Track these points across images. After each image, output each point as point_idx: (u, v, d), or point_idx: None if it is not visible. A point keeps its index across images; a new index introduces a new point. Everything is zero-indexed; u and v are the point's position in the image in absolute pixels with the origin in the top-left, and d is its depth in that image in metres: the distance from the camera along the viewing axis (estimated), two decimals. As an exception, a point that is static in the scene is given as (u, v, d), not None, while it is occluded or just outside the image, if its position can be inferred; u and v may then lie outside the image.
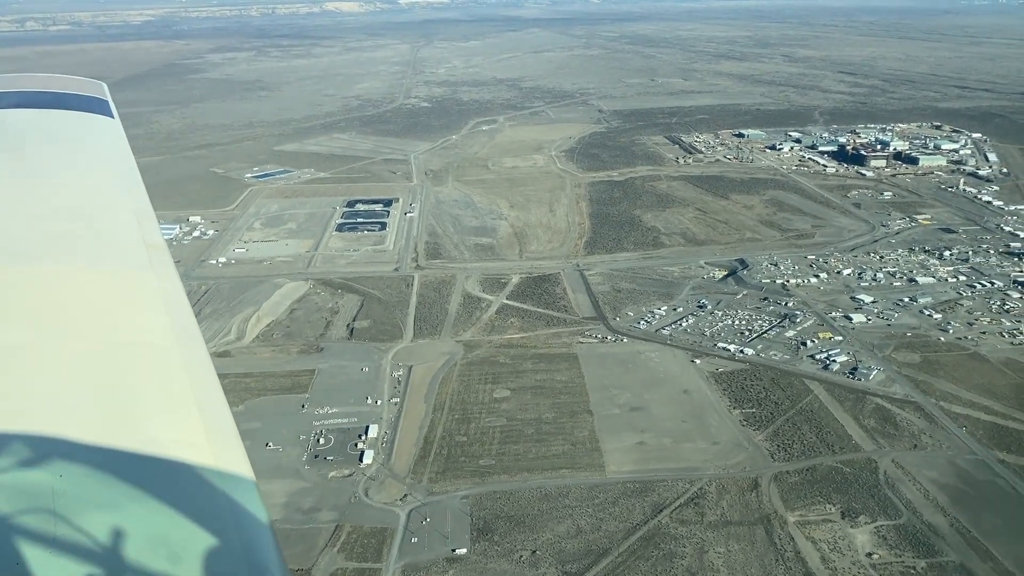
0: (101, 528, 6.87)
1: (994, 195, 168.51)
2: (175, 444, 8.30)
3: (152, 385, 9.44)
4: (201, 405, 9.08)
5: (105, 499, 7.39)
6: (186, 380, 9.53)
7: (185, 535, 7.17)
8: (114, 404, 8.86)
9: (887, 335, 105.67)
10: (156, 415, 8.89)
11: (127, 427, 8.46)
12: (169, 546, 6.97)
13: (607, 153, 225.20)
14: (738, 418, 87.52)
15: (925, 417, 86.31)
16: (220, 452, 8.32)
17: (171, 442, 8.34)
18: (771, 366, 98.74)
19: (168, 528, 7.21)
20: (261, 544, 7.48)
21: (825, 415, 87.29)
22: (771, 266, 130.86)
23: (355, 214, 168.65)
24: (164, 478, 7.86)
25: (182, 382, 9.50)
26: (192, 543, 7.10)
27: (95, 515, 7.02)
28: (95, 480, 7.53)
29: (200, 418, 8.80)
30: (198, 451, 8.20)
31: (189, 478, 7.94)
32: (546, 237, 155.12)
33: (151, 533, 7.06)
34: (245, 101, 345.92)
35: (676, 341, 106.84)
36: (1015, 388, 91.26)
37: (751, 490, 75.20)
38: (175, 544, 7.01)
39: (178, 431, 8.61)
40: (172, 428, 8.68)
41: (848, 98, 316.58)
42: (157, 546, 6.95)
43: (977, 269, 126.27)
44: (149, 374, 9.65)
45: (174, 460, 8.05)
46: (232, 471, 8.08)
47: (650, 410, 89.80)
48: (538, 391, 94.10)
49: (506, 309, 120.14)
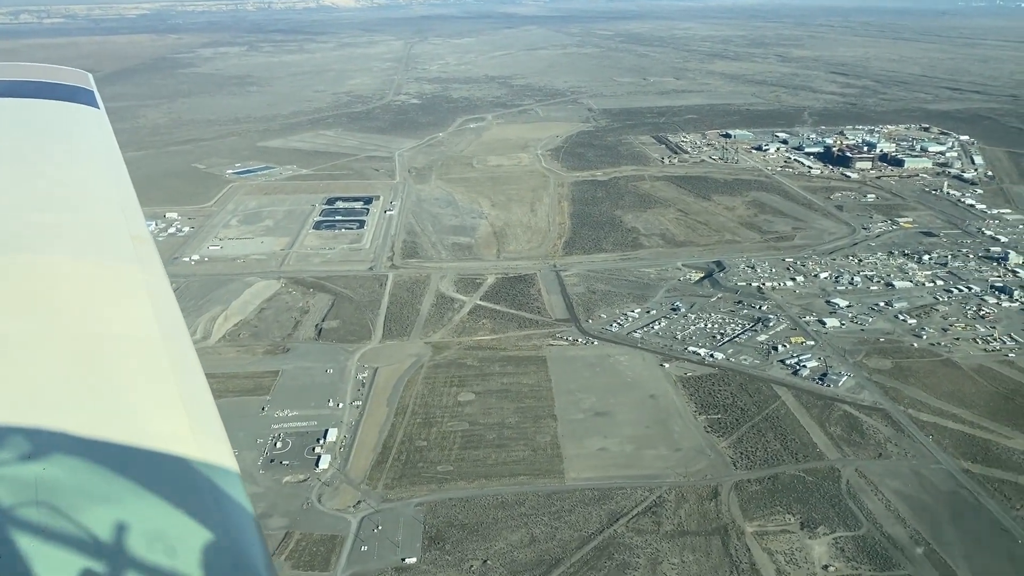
0: (85, 519, 6.86)
1: (978, 198, 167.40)
2: (160, 437, 8.25)
3: (137, 378, 9.35)
4: (186, 398, 9.02)
5: (89, 490, 7.35)
6: (171, 373, 9.44)
7: (171, 527, 7.14)
8: (98, 397, 8.80)
9: (860, 340, 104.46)
10: (141, 408, 8.83)
11: (111, 419, 8.41)
12: (156, 538, 6.93)
13: (593, 152, 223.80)
14: (703, 424, 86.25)
15: (892, 425, 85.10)
16: (205, 445, 8.28)
17: (155, 435, 8.28)
18: (740, 371, 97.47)
19: (155, 520, 7.17)
20: (247, 536, 7.47)
21: (791, 422, 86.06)
22: (748, 268, 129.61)
23: (334, 212, 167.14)
24: (149, 470, 7.80)
25: (167, 375, 9.40)
26: (178, 535, 7.07)
27: (79, 506, 7.00)
28: (79, 472, 7.49)
29: (185, 411, 8.74)
30: (183, 444, 8.16)
31: (174, 471, 7.88)
32: (525, 237, 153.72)
33: (138, 525, 7.00)
34: (234, 96, 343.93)
35: (647, 344, 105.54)
36: (985, 396, 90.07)
37: (711, 499, 73.94)
38: (162, 536, 6.98)
39: (163, 424, 8.55)
40: (157, 421, 8.62)
41: (839, 99, 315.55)
42: (144, 538, 6.89)
43: (955, 273, 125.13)
44: (134, 367, 9.55)
45: (159, 452, 8.01)
46: (217, 464, 8.04)
47: (615, 415, 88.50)
48: (504, 395, 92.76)
49: (479, 310, 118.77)
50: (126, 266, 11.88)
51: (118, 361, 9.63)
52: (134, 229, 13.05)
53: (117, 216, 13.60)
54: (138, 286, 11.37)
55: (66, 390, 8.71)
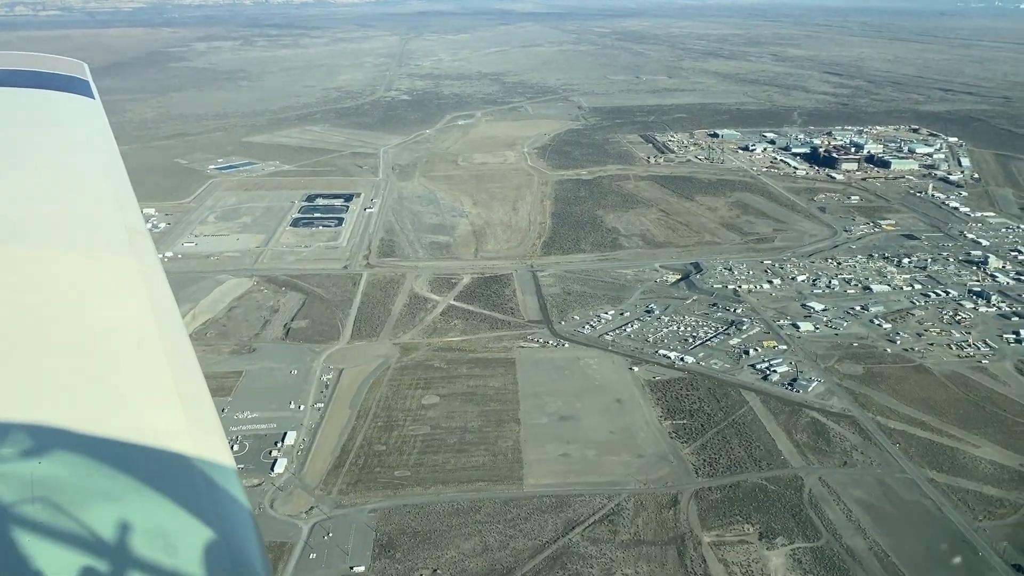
0: (82, 514, 6.81)
1: (962, 201, 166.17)
2: (156, 431, 8.19)
3: (133, 371, 9.28)
4: (182, 392, 8.95)
5: (85, 485, 7.31)
6: (167, 367, 9.36)
7: (169, 522, 7.09)
8: (94, 390, 8.75)
9: (833, 345, 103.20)
10: (137, 402, 8.77)
11: (107, 413, 8.36)
12: (154, 533, 6.89)
13: (579, 151, 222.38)
14: (668, 430, 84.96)
15: (860, 432, 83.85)
16: (201, 439, 8.25)
17: (152, 429, 8.22)
18: (710, 375, 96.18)
19: (152, 515, 7.11)
20: (243, 530, 7.46)
21: (757, 428, 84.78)
22: (725, 271, 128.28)
23: (313, 209, 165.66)
24: (146, 465, 7.73)
25: (163, 368, 9.33)
26: (176, 530, 7.03)
27: (76, 501, 6.96)
28: (76, 467, 7.46)
29: (181, 406, 8.68)
30: (179, 438, 8.11)
31: (171, 466, 7.84)
32: (505, 236, 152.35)
33: (136, 520, 6.93)
34: (224, 91, 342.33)
35: (618, 347, 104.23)
36: (956, 403, 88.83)
37: (670, 507, 72.66)
38: (160, 531, 6.93)
39: (159, 418, 8.49)
40: (153, 415, 8.55)
41: (831, 99, 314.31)
42: (142, 533, 6.84)
43: (934, 277, 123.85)
44: (130, 360, 9.48)
45: (155, 448, 7.95)
46: (213, 458, 8.01)
47: (579, 420, 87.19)
48: (468, 398, 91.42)
49: (452, 311, 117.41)
50: (122, 258, 11.76)
51: (114, 354, 9.52)
52: (130, 221, 12.88)
53: (113, 208, 13.45)
54: (134, 278, 11.26)
55: (62, 383, 8.64)
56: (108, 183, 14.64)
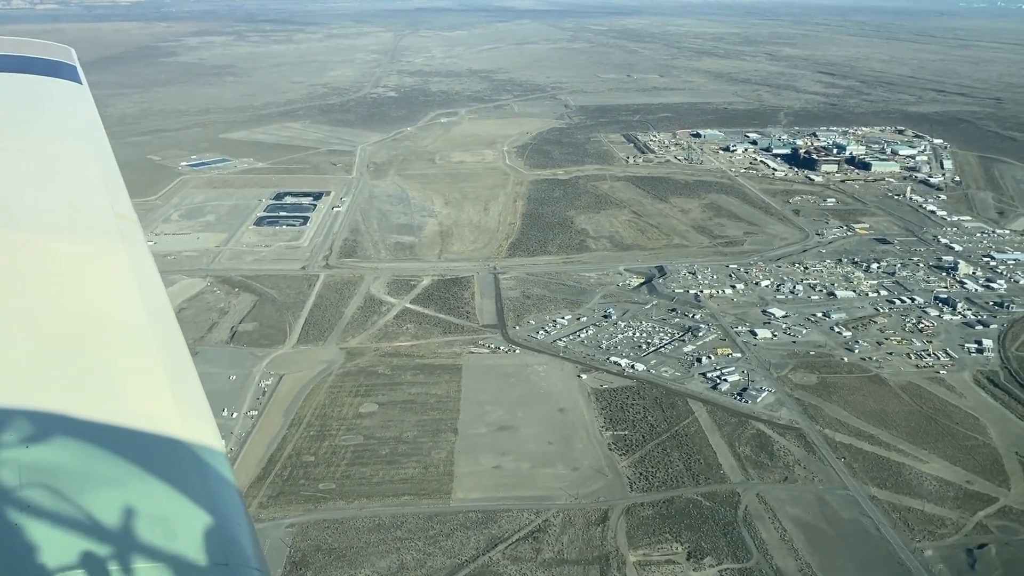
0: (74, 498, 6.81)
1: (940, 204, 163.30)
2: (146, 415, 8.13)
3: (122, 358, 9.24)
4: (172, 378, 8.94)
5: (76, 470, 7.25)
6: (156, 352, 9.32)
7: (161, 505, 7.05)
8: (83, 376, 8.67)
9: (789, 353, 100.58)
10: (127, 387, 8.73)
11: (97, 399, 8.29)
12: (147, 517, 6.83)
13: (559, 150, 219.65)
14: (608, 441, 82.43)
15: (805, 446, 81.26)
16: (191, 423, 8.22)
17: (142, 413, 8.15)
18: (658, 384, 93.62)
19: (145, 499, 7.04)
20: (233, 512, 7.45)
21: (700, 441, 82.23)
22: (689, 275, 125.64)
23: (280, 207, 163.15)
24: (137, 448, 7.68)
25: (152, 354, 9.29)
26: (168, 513, 7.00)
27: (67, 486, 6.93)
28: (66, 452, 7.43)
29: (171, 391, 8.67)
30: (169, 422, 8.10)
31: (161, 449, 7.80)
32: (472, 237, 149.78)
33: (129, 504, 6.86)
34: (210, 86, 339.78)
35: (569, 354, 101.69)
36: (908, 416, 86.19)
37: (598, 524, 70.14)
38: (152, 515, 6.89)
39: (149, 403, 8.44)
40: (143, 400, 8.49)
41: (821, 99, 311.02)
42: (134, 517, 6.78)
43: (901, 283, 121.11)
44: (119, 346, 9.42)
45: (145, 431, 7.91)
46: (203, 442, 8.01)
47: (519, 430, 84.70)
48: (408, 406, 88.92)
49: (406, 314, 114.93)
50: (110, 244, 11.66)
51: (103, 341, 9.48)
52: (118, 206, 12.77)
53: (100, 193, 13.36)
54: (122, 264, 11.22)
55: (50, 370, 8.58)
56: (96, 169, 14.57)
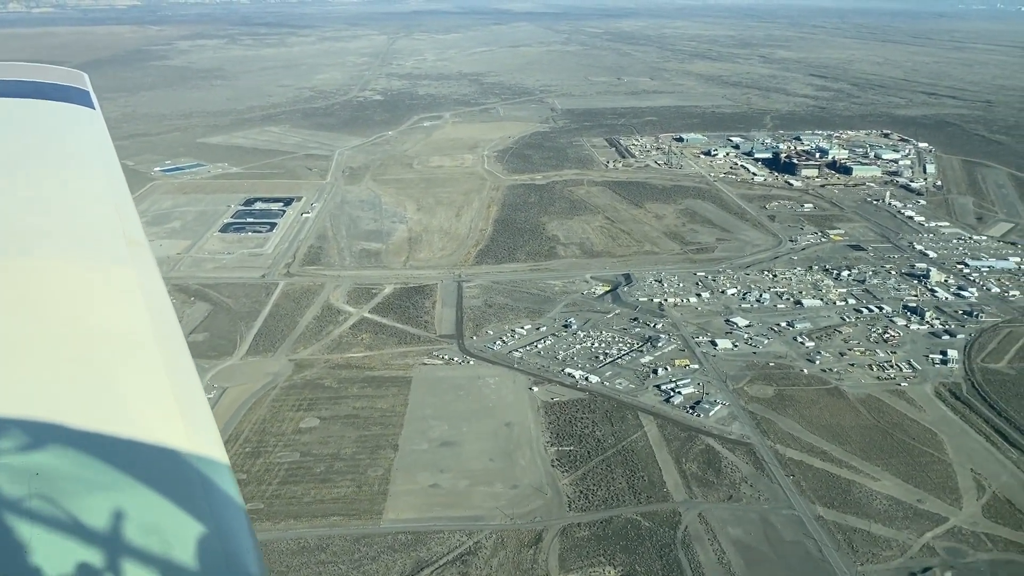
0: (81, 511, 6.97)
1: (919, 210, 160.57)
2: (153, 433, 8.32)
3: (131, 380, 9.37)
4: (179, 397, 9.03)
5: (84, 483, 7.45)
6: (165, 376, 9.42)
7: (165, 519, 7.22)
8: (93, 397, 8.84)
9: (748, 364, 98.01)
10: (134, 405, 8.89)
11: (105, 416, 8.45)
12: (150, 529, 7.02)
13: (540, 154, 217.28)
14: (552, 457, 79.90)
15: (754, 462, 78.67)
16: (197, 441, 8.35)
17: (149, 431, 8.35)
18: (611, 396, 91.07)
19: (149, 512, 7.23)
20: (237, 527, 7.57)
21: (646, 456, 79.67)
22: (655, 282, 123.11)
23: (248, 213, 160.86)
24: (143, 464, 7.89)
25: (161, 378, 9.40)
26: (171, 527, 7.15)
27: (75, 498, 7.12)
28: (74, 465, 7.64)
29: (178, 409, 8.78)
30: (175, 439, 8.28)
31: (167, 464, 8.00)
32: (441, 244, 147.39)
33: (133, 517, 7.05)
34: (196, 90, 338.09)
35: (524, 365, 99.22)
36: (863, 430, 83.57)
37: (531, 546, 67.60)
38: (156, 527, 7.06)
39: (156, 420, 8.60)
40: (150, 418, 8.66)
41: (810, 102, 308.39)
42: (138, 529, 6.96)
43: (871, 292, 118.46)
44: (128, 369, 9.56)
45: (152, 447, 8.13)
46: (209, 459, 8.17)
47: (462, 445, 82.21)
48: (350, 421, 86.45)
49: (363, 324, 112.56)
50: (121, 268, 11.81)
51: (112, 363, 9.63)
52: (129, 231, 12.95)
53: (112, 218, 13.49)
54: (133, 288, 11.32)
55: (60, 390, 8.75)
56: (107, 193, 14.72)
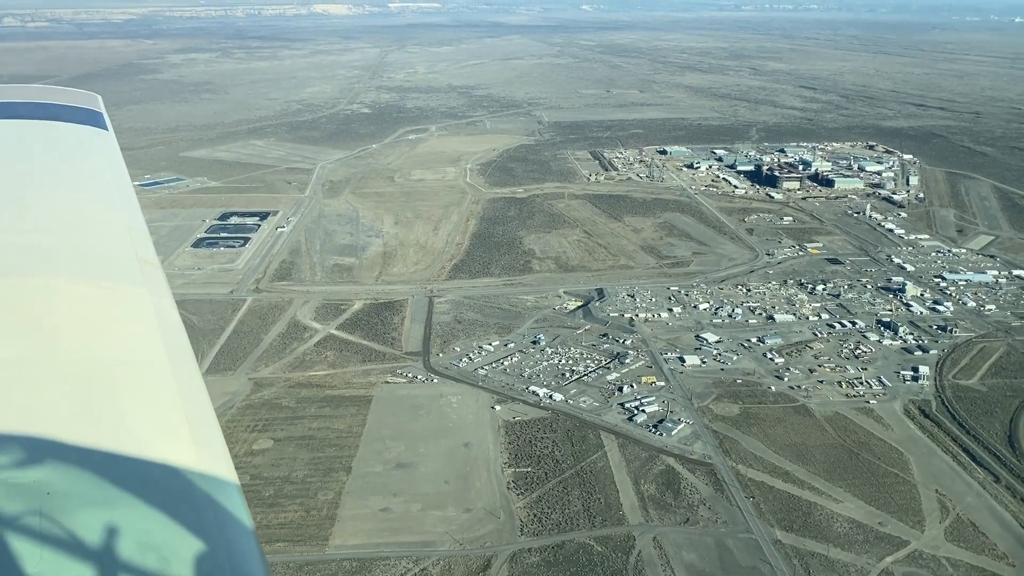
0: (88, 532, 6.96)
1: (900, 222, 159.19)
2: (163, 454, 8.36)
3: (142, 401, 9.45)
4: (191, 419, 9.08)
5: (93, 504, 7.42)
6: (176, 398, 9.47)
7: (175, 541, 7.24)
8: (104, 417, 8.91)
9: (715, 381, 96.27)
10: (146, 427, 8.93)
11: (116, 437, 8.52)
12: (158, 550, 7.04)
13: (523, 167, 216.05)
14: (508, 479, 78.05)
15: (714, 483, 76.82)
16: (207, 463, 8.40)
17: (159, 452, 8.39)
18: (574, 415, 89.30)
19: (158, 533, 7.27)
20: (246, 551, 7.57)
21: (604, 478, 77.84)
22: (628, 297, 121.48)
23: (222, 228, 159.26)
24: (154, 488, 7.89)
25: (173, 398, 9.47)
26: (180, 548, 7.17)
27: (83, 519, 7.10)
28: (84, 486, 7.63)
29: (189, 431, 8.83)
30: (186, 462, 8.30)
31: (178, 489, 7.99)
32: (415, 258, 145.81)
33: (141, 537, 7.10)
34: (184, 103, 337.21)
35: (489, 383, 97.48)
36: (828, 450, 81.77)
37: (479, 573, 65.71)
38: (164, 548, 7.09)
39: (167, 442, 8.65)
40: (161, 439, 8.71)
41: (798, 114, 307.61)
42: (147, 550, 6.98)
43: (845, 306, 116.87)
44: (139, 390, 9.66)
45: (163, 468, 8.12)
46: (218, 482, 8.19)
47: (417, 467, 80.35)
48: (305, 442, 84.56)
49: (329, 340, 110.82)
50: (133, 288, 12.03)
51: (124, 383, 9.69)
52: (141, 251, 13.21)
53: (124, 238, 13.69)
54: (145, 309, 11.46)
55: (73, 411, 8.80)
56: (121, 214, 14.96)
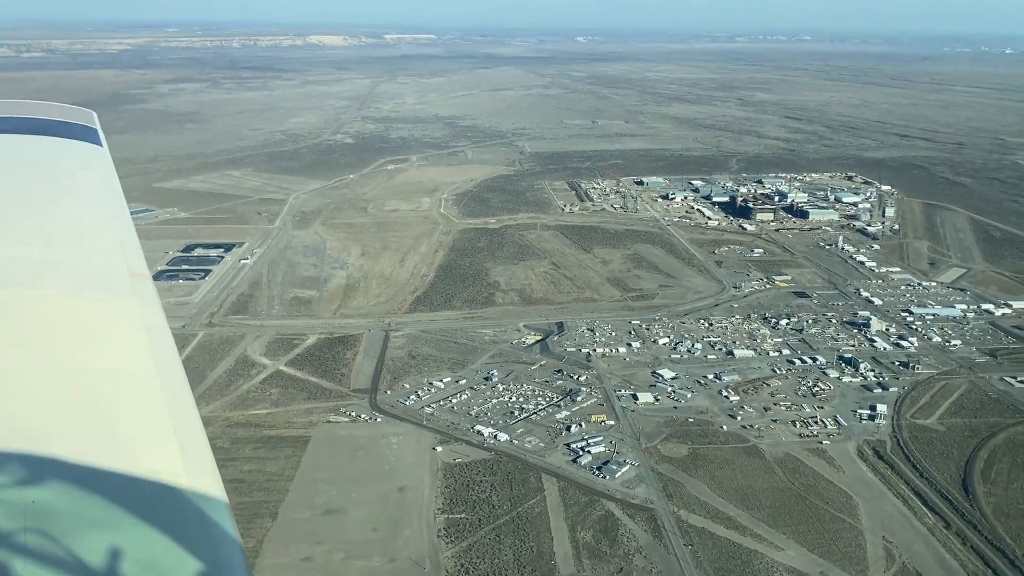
0: (79, 547, 6.88)
1: (872, 255, 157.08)
2: (153, 468, 8.33)
3: (132, 414, 9.46)
4: (179, 431, 9.10)
5: (83, 520, 7.35)
6: (165, 411, 9.46)
7: (163, 556, 7.17)
8: (95, 429, 8.92)
9: (667, 420, 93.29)
10: (135, 440, 8.95)
11: (106, 450, 8.49)
12: (148, 566, 6.94)
13: (499, 198, 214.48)
14: (440, 526, 74.79)
15: (653, 530, 73.61)
16: (196, 477, 8.41)
17: (149, 466, 8.37)
18: (517, 456, 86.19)
19: (147, 549, 7.19)
20: (234, 567, 7.54)
21: (540, 524, 74.60)
22: (587, 331, 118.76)
23: (185, 260, 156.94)
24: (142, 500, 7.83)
25: (162, 412, 9.46)
26: (169, 564, 7.12)
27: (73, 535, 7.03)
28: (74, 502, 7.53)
29: (178, 444, 8.83)
30: (175, 475, 8.28)
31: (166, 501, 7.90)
32: (378, 290, 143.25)
33: (131, 553, 6.99)
34: (167, 133, 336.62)
35: (434, 422, 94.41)
36: (775, 493, 78.64)
37: (395, 627, 62.30)
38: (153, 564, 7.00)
39: (156, 455, 8.62)
40: (150, 452, 8.69)
41: (781, 144, 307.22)
42: (136, 565, 6.90)
43: (807, 342, 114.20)
44: (129, 403, 9.66)
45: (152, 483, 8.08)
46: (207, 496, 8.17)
47: (346, 513, 77.10)
48: (234, 486, 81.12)
49: (276, 377, 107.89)
50: (123, 301, 12.15)
51: (114, 397, 9.72)
52: (133, 265, 13.59)
53: (116, 252, 14.14)
54: (135, 321, 11.51)
55: (63, 423, 8.80)
56: (113, 228, 15.53)
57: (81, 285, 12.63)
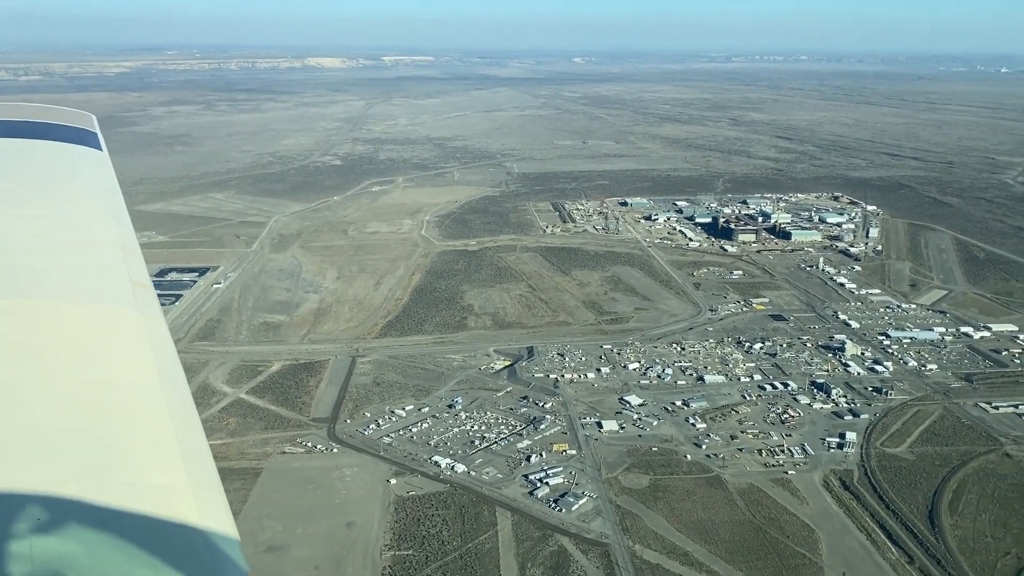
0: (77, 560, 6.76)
1: (853, 276, 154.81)
2: (157, 491, 8.03)
3: (134, 427, 9.23)
4: (184, 449, 8.88)
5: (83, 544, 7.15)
6: (168, 422, 9.29)
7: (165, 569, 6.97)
8: (97, 444, 8.71)
9: (630, 449, 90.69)
10: (139, 459, 8.68)
11: (108, 471, 8.24)
12: None
13: (481, 219, 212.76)
14: (386, 564, 72.07)
15: (606, 566, 70.89)
16: (201, 498, 8.16)
17: (153, 489, 8.07)
18: (473, 489, 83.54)
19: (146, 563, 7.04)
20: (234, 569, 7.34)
21: (489, 561, 71.88)
22: (558, 356, 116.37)
23: (157, 285, 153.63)
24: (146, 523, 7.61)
25: (164, 424, 9.26)
26: None
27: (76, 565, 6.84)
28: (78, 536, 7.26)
29: (183, 463, 8.58)
30: (180, 497, 8.01)
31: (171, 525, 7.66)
32: (349, 315, 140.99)
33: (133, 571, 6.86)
34: (156, 156, 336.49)
35: (391, 452, 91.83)
36: (736, 526, 75.91)
37: (327, 673, 59.45)
38: None
39: (161, 476, 8.35)
40: (155, 472, 8.43)
41: (770, 164, 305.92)
42: None
43: (780, 366, 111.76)
44: (131, 415, 9.46)
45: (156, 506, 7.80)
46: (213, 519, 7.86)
47: (289, 551, 74.38)
48: (177, 518, 78.54)
49: (235, 406, 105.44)
50: (125, 310, 11.86)
51: (116, 409, 9.48)
52: (134, 273, 13.13)
53: (117, 259, 13.69)
54: (137, 331, 11.25)
55: (64, 437, 8.58)
56: (114, 235, 14.82)
57: (83, 294, 12.41)
